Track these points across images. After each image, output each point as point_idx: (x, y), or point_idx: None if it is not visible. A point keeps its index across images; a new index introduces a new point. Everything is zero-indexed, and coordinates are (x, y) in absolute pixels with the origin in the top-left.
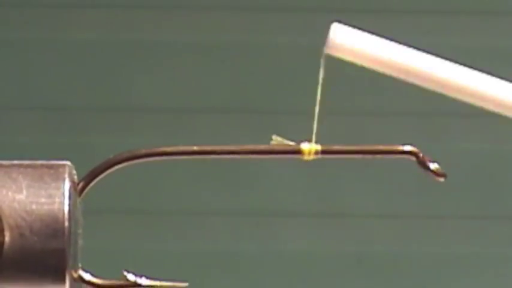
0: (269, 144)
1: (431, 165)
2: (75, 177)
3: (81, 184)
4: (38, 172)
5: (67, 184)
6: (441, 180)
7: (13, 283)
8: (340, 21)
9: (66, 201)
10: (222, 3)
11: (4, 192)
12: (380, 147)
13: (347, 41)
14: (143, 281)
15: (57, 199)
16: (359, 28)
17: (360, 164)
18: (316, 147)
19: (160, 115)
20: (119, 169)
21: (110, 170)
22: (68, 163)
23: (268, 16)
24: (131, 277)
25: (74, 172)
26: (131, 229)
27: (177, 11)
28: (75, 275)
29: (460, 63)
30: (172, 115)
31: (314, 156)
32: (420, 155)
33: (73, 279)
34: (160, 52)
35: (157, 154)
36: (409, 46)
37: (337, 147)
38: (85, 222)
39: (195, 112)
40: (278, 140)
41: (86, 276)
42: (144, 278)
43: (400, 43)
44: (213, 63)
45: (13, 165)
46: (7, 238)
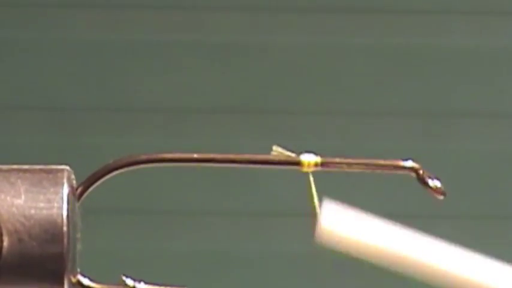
0: (269, 143)
1: (430, 182)
2: (73, 181)
3: (79, 189)
4: (37, 177)
5: (66, 189)
6: (440, 198)
7: None
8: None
9: (64, 206)
10: (222, 3)
11: (2, 196)
12: (380, 161)
13: (338, 229)
14: (142, 286)
15: (55, 204)
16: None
17: None
18: (315, 159)
19: (160, 115)
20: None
21: (109, 175)
22: (67, 168)
23: (268, 16)
24: (130, 282)
25: (73, 177)
26: (131, 229)
27: (177, 11)
28: (73, 280)
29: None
30: (172, 115)
31: (314, 168)
32: (420, 172)
33: (71, 284)
34: (160, 52)
35: (157, 160)
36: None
37: (337, 159)
38: (84, 222)
39: (195, 112)
40: (278, 151)
41: (85, 281)
42: (143, 283)
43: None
44: (213, 63)
45: (12, 169)
46: (5, 243)
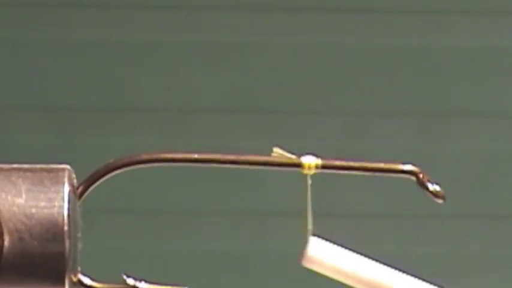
0: (269, 143)
1: (430, 186)
2: (74, 181)
3: (80, 188)
4: (38, 176)
5: (66, 188)
6: (440, 202)
7: (13, 287)
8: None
9: (65, 205)
10: (222, 3)
11: (4, 196)
12: (380, 164)
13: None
14: (142, 285)
15: (56, 203)
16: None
17: None
18: (316, 161)
19: (160, 115)
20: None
21: (110, 175)
22: (68, 167)
23: (268, 16)
24: (131, 281)
25: (74, 176)
26: (131, 229)
27: (177, 11)
28: (74, 279)
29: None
30: (172, 115)
31: (314, 170)
32: (420, 175)
33: (72, 283)
34: (160, 52)
35: (157, 160)
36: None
37: (337, 162)
38: (85, 222)
39: (195, 112)
40: (279, 153)
41: (85, 280)
42: (144, 282)
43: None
44: (213, 63)
45: (13, 168)
46: (7, 242)
